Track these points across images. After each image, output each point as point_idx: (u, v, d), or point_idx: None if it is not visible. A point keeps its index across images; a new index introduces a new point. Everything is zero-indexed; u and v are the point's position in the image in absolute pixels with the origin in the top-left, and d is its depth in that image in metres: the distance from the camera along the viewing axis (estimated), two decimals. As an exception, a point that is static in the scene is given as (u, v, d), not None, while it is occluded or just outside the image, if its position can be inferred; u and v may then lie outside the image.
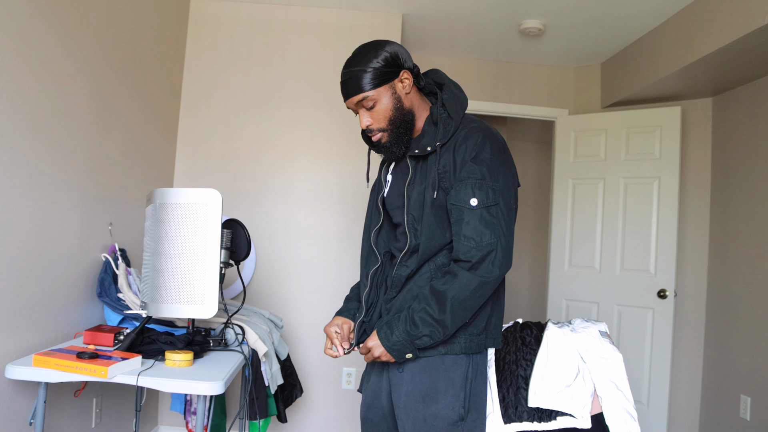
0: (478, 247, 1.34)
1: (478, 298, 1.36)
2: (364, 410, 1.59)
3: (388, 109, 1.45)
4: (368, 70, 1.42)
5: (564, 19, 3.12)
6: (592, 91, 3.86)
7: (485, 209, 1.35)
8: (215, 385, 1.58)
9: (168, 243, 1.75)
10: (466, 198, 1.36)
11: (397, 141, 1.47)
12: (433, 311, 1.35)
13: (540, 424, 1.72)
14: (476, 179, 1.37)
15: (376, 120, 1.46)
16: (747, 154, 3.15)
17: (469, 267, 1.34)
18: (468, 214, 1.35)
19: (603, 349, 1.80)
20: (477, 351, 1.47)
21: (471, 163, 1.39)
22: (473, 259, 1.34)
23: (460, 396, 1.43)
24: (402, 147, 1.48)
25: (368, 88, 1.42)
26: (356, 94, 1.44)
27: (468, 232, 1.35)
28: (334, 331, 1.57)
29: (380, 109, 1.44)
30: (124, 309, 2.13)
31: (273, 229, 3.13)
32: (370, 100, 1.44)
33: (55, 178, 1.94)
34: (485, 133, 1.43)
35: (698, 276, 3.49)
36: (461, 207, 1.37)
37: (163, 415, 3.06)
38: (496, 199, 1.37)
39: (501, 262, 1.35)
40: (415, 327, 1.36)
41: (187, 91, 3.14)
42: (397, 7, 3.15)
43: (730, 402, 3.15)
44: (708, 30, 2.68)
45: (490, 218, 1.35)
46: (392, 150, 1.48)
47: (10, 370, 1.60)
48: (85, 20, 2.07)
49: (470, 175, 1.38)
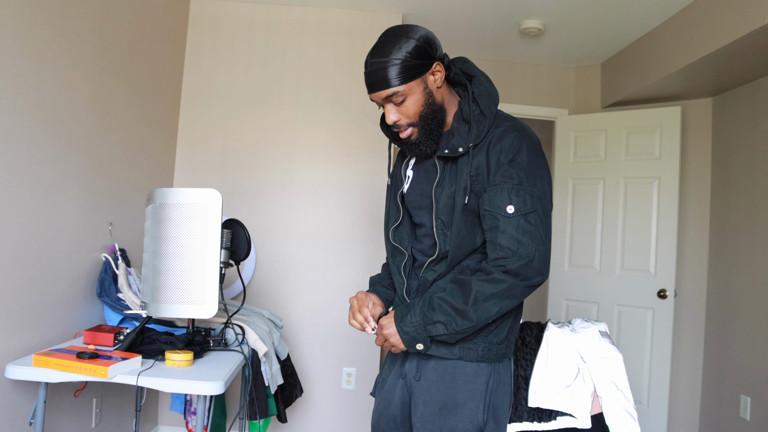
0: (515, 257, 1.25)
1: (507, 298, 1.26)
2: (376, 417, 1.53)
3: (418, 105, 1.32)
4: (397, 63, 1.27)
5: (564, 19, 3.12)
6: (592, 91, 3.86)
7: (522, 217, 1.26)
8: (215, 385, 1.58)
9: (168, 243, 1.75)
10: (503, 204, 1.26)
11: (428, 138, 1.35)
12: (454, 300, 1.26)
13: (540, 424, 1.72)
14: (513, 184, 1.27)
15: (405, 115, 1.33)
16: (747, 154, 3.15)
17: (504, 271, 1.26)
18: (504, 222, 1.26)
19: (603, 349, 1.80)
20: (497, 360, 1.38)
21: (507, 166, 1.28)
22: (509, 268, 1.25)
23: (479, 407, 1.35)
24: (433, 144, 1.36)
25: (397, 83, 1.28)
26: (383, 89, 1.30)
27: (504, 241, 1.25)
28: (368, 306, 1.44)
29: (410, 104, 1.32)
30: (124, 309, 2.13)
31: (273, 229, 3.13)
32: (400, 96, 1.30)
33: (55, 178, 1.94)
34: (522, 133, 1.32)
35: (698, 276, 3.48)
36: (496, 214, 1.27)
37: (163, 415, 3.06)
38: (534, 205, 1.27)
39: (539, 270, 1.27)
40: (432, 311, 1.27)
41: (187, 91, 3.14)
42: (397, 7, 3.14)
43: (730, 402, 3.15)
44: (708, 30, 2.68)
45: (528, 226, 1.26)
46: (422, 148, 1.36)
47: (10, 370, 1.59)
48: (85, 20, 2.07)
49: (506, 179, 1.27)
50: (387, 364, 1.56)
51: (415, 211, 1.47)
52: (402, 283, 1.47)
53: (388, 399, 1.48)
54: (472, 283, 1.26)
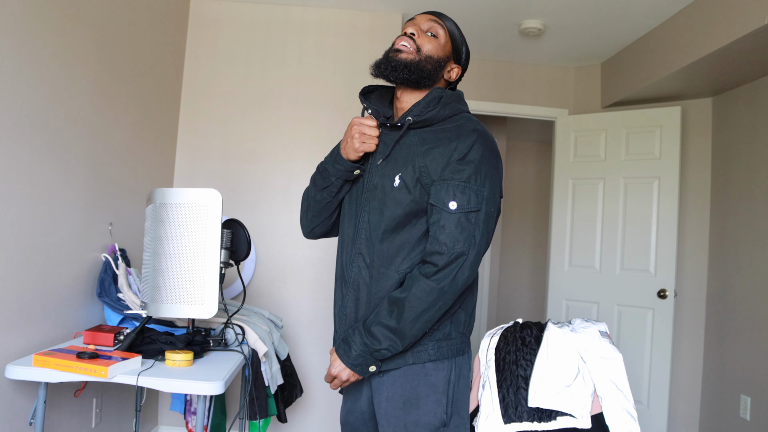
0: (448, 253, 1.26)
1: (438, 309, 1.29)
2: (344, 414, 1.54)
3: (436, 51, 1.39)
4: (452, 23, 1.44)
5: (564, 19, 3.12)
6: (592, 91, 3.86)
7: (463, 214, 1.27)
8: (215, 385, 1.58)
9: (168, 243, 1.75)
10: (446, 200, 1.28)
11: (413, 67, 1.36)
12: (390, 321, 1.28)
13: (540, 424, 1.72)
14: (460, 181, 1.28)
15: (421, 43, 1.39)
16: (747, 154, 3.15)
17: (434, 272, 1.27)
18: (445, 217, 1.27)
19: (603, 349, 1.80)
20: (452, 356, 1.39)
21: (457, 163, 1.29)
22: (439, 264, 1.27)
23: (442, 401, 1.37)
24: (412, 75, 1.36)
25: (444, 25, 1.42)
26: (437, 16, 1.42)
27: (442, 236, 1.27)
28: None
29: (434, 42, 1.40)
30: (124, 309, 2.13)
31: (273, 229, 3.13)
32: (439, 31, 1.41)
33: (55, 178, 1.94)
34: (480, 134, 1.33)
35: (698, 276, 3.49)
36: (440, 208, 1.28)
37: (163, 415, 3.06)
38: (479, 204, 1.28)
39: (466, 274, 1.28)
40: (372, 338, 1.30)
41: (187, 91, 3.14)
42: (397, 7, 3.15)
43: (730, 402, 3.15)
44: (708, 30, 2.68)
45: (467, 224, 1.27)
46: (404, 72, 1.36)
47: (10, 370, 1.60)
48: (85, 21, 2.07)
49: (455, 175, 1.29)
50: None
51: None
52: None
53: (356, 395, 1.49)
54: (405, 301, 1.28)
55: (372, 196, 1.39)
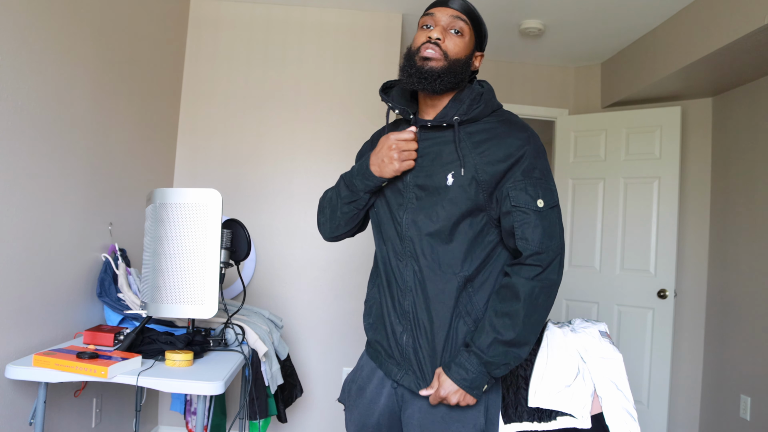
0: (548, 251, 1.24)
1: (550, 306, 1.26)
2: (356, 429, 1.44)
3: (461, 50, 1.31)
4: (474, 11, 1.34)
5: (564, 19, 3.12)
6: (592, 91, 3.86)
7: (548, 210, 1.25)
8: (215, 385, 1.58)
9: (168, 243, 1.75)
10: (532, 199, 1.24)
11: (448, 75, 1.28)
12: (508, 335, 1.22)
13: (540, 424, 1.72)
14: (536, 179, 1.26)
15: (445, 47, 1.29)
16: (747, 154, 3.15)
17: (539, 272, 1.24)
18: (536, 217, 1.24)
19: (603, 349, 1.80)
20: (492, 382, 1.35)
21: (526, 162, 1.27)
22: (543, 263, 1.24)
23: (481, 411, 1.31)
24: (445, 85, 1.29)
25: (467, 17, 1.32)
26: (458, 8, 1.31)
27: (537, 235, 1.23)
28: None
29: (458, 41, 1.30)
30: (124, 309, 2.13)
31: (273, 229, 3.13)
32: (460, 26, 1.31)
33: (55, 178, 1.94)
34: (530, 131, 1.32)
35: (698, 276, 3.49)
36: (526, 209, 1.24)
37: (163, 415, 3.06)
38: (554, 199, 1.28)
39: (564, 266, 1.28)
40: (492, 356, 1.23)
41: (187, 91, 3.14)
42: (397, 7, 3.15)
43: (730, 402, 3.15)
44: (708, 30, 2.68)
45: (554, 219, 1.26)
46: (439, 82, 1.28)
47: (10, 370, 1.60)
48: (85, 20, 2.07)
49: (530, 174, 1.26)
50: (364, 370, 1.47)
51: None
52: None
53: (371, 408, 1.41)
54: (521, 309, 1.23)
55: (417, 195, 1.32)
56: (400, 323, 1.34)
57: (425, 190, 1.31)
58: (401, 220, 1.34)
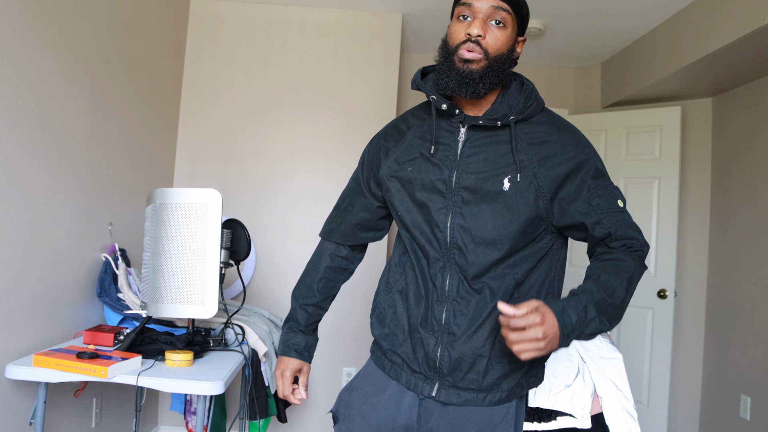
0: (641, 241, 1.21)
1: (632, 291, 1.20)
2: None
3: (504, 43, 1.16)
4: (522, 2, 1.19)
5: (564, 19, 3.12)
6: (592, 91, 3.86)
7: (627, 211, 1.23)
8: (215, 385, 1.58)
9: (168, 243, 1.75)
10: (614, 202, 1.20)
11: (492, 74, 1.15)
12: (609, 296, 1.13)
13: (540, 424, 1.72)
14: (609, 182, 1.22)
15: (485, 43, 1.14)
16: (747, 154, 3.15)
17: (637, 249, 1.21)
18: (623, 217, 1.20)
19: (603, 349, 1.80)
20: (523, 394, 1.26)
21: (594, 165, 1.21)
22: (637, 246, 1.21)
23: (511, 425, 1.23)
24: (488, 87, 1.16)
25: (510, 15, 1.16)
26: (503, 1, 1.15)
27: (631, 231, 1.20)
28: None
29: (500, 35, 1.15)
30: (124, 309, 2.13)
31: (273, 229, 3.13)
32: (502, 17, 1.15)
33: (55, 178, 1.94)
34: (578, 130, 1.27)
35: (698, 276, 3.48)
36: (614, 213, 1.20)
37: (163, 415, 3.06)
38: (624, 199, 1.24)
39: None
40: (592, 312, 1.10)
41: (187, 91, 3.14)
42: (397, 7, 3.15)
43: (730, 402, 3.15)
44: (708, 30, 2.68)
45: (632, 219, 1.24)
46: (481, 85, 1.15)
47: (10, 370, 1.60)
48: (85, 20, 2.07)
49: (599, 179, 1.21)
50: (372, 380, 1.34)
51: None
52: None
53: (386, 420, 1.28)
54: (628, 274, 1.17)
55: (465, 199, 1.19)
56: (434, 335, 1.21)
57: (476, 194, 1.18)
58: (444, 225, 1.19)
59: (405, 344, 1.27)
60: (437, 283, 1.21)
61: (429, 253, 1.22)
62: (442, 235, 1.20)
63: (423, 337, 1.22)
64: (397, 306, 1.30)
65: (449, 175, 1.20)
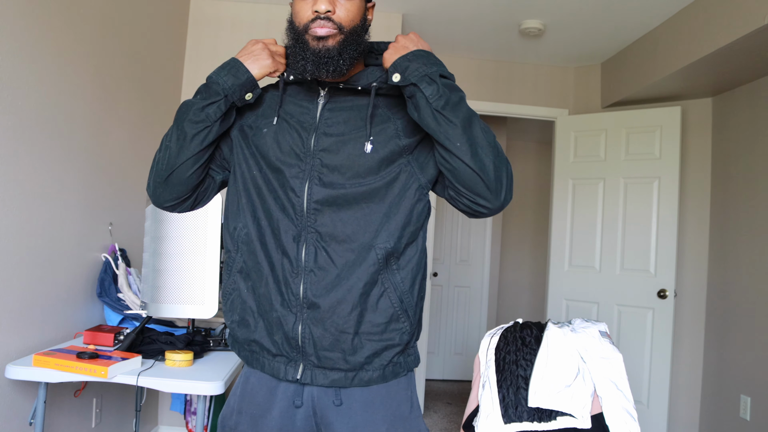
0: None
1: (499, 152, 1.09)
2: None
3: (354, 14, 1.10)
4: None
5: (564, 19, 3.12)
6: (592, 91, 3.86)
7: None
8: (215, 385, 1.58)
9: (168, 243, 1.75)
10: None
11: (349, 48, 1.09)
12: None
13: (540, 424, 1.72)
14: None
15: (336, 16, 1.08)
16: (747, 154, 3.15)
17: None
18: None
19: (603, 349, 1.81)
20: (404, 373, 1.19)
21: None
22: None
23: (419, 415, 1.19)
24: (347, 62, 1.10)
25: None
26: None
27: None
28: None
29: (349, 6, 1.09)
30: (124, 309, 2.13)
31: (273, 229, 3.13)
32: None
33: (56, 178, 1.94)
34: None
35: (698, 276, 3.49)
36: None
37: (163, 415, 3.06)
38: None
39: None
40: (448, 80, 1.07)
41: (187, 91, 3.14)
42: (397, 7, 3.15)
43: (730, 402, 3.15)
44: (708, 30, 2.68)
45: None
46: (341, 61, 1.09)
47: (10, 370, 1.60)
48: (85, 20, 2.07)
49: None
50: (255, 393, 1.19)
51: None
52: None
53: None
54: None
55: (324, 163, 1.11)
56: (291, 312, 1.10)
57: (337, 154, 1.11)
58: (300, 191, 1.11)
59: (258, 328, 1.15)
60: (291, 254, 1.11)
61: (279, 222, 1.12)
62: (299, 202, 1.11)
63: (281, 315, 1.11)
64: (240, 288, 1.17)
65: (307, 138, 1.14)
